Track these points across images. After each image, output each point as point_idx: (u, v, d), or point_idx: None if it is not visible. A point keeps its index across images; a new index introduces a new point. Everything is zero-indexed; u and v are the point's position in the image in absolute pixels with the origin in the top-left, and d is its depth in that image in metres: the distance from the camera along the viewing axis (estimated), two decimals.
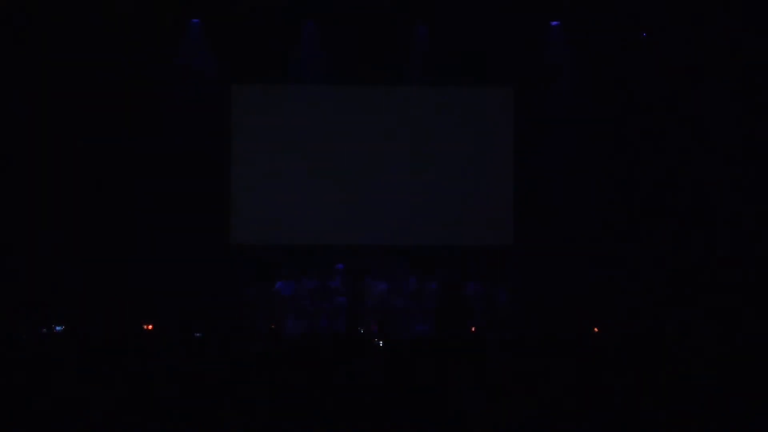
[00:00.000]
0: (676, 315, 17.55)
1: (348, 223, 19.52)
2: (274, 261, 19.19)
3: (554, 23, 19.50)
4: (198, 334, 13.49)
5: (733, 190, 18.50)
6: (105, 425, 7.37)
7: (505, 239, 19.64)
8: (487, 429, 7.17)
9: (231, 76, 19.47)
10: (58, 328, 15.53)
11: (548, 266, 19.04)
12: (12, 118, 18.39)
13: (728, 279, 17.92)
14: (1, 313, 16.68)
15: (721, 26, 18.21)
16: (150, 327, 16.33)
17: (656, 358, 8.06)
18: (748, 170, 18.46)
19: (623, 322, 17.82)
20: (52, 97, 18.50)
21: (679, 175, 18.86)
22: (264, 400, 7.42)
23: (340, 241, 19.45)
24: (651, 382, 7.44)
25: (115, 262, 18.62)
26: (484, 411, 7.22)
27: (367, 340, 12.90)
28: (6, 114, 18.40)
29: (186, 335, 13.00)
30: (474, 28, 19.03)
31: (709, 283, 18.03)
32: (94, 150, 18.71)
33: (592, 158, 19.32)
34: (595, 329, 16.68)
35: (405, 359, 8.55)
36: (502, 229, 19.65)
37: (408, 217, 19.55)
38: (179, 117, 19.18)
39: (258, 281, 19.04)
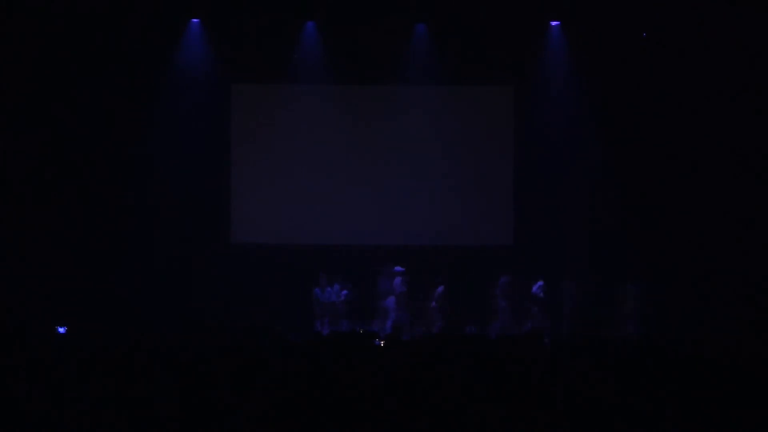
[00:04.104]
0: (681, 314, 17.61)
1: (348, 224, 19.52)
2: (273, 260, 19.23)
3: (554, 23, 19.51)
4: (198, 333, 13.50)
5: (732, 188, 18.54)
6: (106, 426, 7.37)
7: (505, 239, 19.64)
8: None
9: (231, 76, 19.48)
10: (60, 329, 15.53)
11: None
12: (12, 119, 18.39)
13: (728, 275, 18.01)
14: (5, 314, 16.67)
15: (721, 26, 18.23)
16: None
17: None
18: (748, 169, 18.48)
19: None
20: (51, 97, 18.51)
21: (679, 173, 18.87)
22: (268, 399, 7.43)
23: (339, 242, 19.45)
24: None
25: (115, 262, 18.63)
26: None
27: (369, 339, 12.91)
28: (7, 115, 18.40)
29: (187, 334, 13.01)
30: (474, 28, 19.03)
31: (708, 282, 18.07)
32: (93, 150, 18.73)
33: (591, 158, 19.32)
34: None
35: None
36: (502, 229, 19.66)
37: (408, 218, 19.54)
38: (179, 117, 19.19)
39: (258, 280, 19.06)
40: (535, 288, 18.78)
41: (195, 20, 19.34)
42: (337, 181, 19.61)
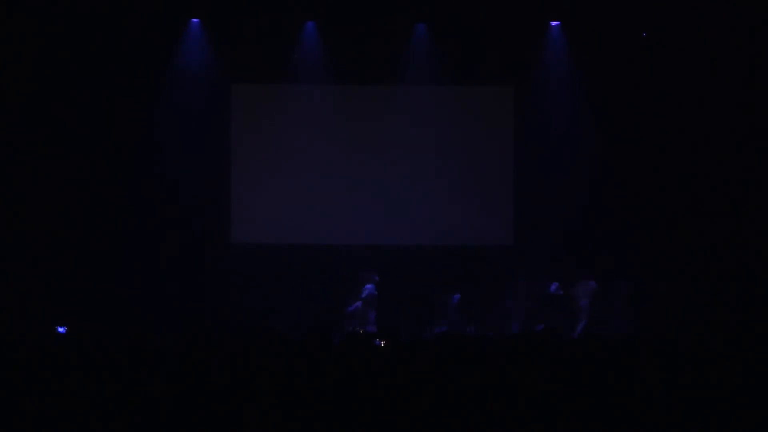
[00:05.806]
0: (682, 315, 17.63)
1: (348, 224, 19.53)
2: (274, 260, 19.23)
3: (554, 23, 19.50)
4: (198, 333, 13.47)
5: (733, 188, 18.55)
6: (107, 426, 7.38)
7: (505, 239, 19.64)
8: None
9: (231, 76, 19.47)
10: (60, 329, 15.52)
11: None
12: (13, 119, 18.39)
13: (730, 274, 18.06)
14: (4, 314, 16.67)
15: (721, 26, 18.24)
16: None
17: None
18: (748, 169, 18.50)
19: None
20: (51, 97, 18.51)
21: (679, 174, 18.89)
22: (268, 399, 7.43)
23: (339, 242, 19.46)
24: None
25: (115, 262, 18.63)
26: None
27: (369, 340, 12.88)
28: (6, 115, 18.40)
29: (187, 334, 12.99)
30: (474, 28, 19.04)
31: (708, 287, 18.09)
32: (93, 149, 18.74)
33: (592, 158, 19.32)
34: None
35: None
36: (502, 229, 19.66)
37: (408, 218, 19.55)
38: (179, 117, 19.19)
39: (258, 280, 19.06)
40: (454, 299, 18.83)
41: (195, 20, 19.34)
42: (337, 181, 19.61)
